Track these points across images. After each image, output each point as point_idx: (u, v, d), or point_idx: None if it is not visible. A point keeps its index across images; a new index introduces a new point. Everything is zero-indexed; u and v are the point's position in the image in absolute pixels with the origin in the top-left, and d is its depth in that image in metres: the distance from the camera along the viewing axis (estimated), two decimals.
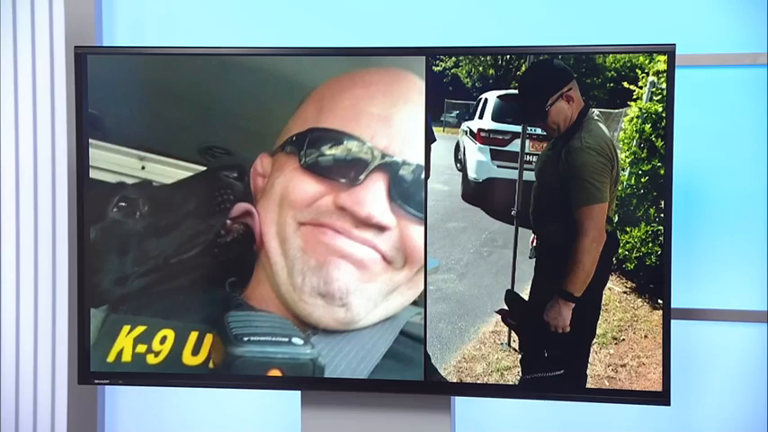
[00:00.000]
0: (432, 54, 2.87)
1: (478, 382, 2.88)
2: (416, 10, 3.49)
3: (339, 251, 2.88)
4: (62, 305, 3.56)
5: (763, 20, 3.37)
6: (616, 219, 2.80)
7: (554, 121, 2.80)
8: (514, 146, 2.86)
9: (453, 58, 2.86)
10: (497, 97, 2.85)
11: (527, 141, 2.84)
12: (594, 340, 2.83)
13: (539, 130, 2.82)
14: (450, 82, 2.86)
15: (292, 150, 2.90)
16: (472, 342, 2.88)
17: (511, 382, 2.87)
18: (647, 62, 2.77)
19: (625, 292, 2.81)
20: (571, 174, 2.79)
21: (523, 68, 2.84)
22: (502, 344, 2.88)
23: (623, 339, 2.82)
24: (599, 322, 2.83)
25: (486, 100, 2.86)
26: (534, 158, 2.83)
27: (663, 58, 2.76)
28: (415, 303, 2.89)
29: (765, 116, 3.37)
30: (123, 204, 2.98)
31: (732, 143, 3.38)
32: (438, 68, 2.86)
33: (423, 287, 2.89)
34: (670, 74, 2.76)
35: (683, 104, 2.82)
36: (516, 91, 2.84)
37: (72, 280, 3.42)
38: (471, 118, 2.86)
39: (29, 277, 3.58)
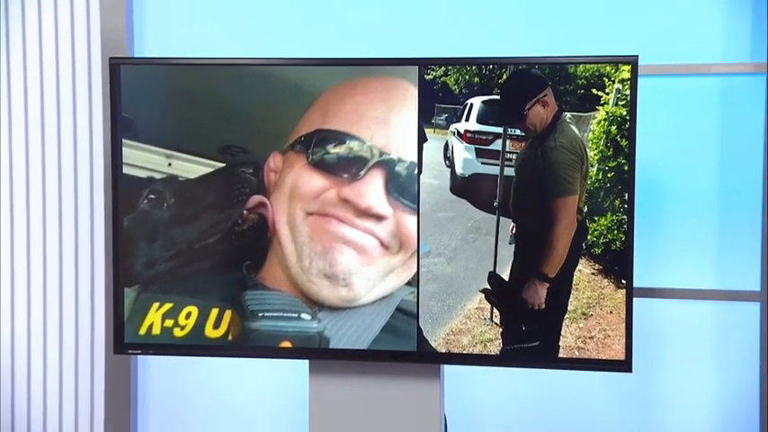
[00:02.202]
0: (423, 64, 2.86)
1: (464, 352, 2.88)
2: (410, 25, 3.49)
3: (342, 238, 2.87)
4: (99, 285, 3.56)
5: (716, 33, 3.37)
6: (585, 209, 2.79)
7: (531, 123, 2.79)
8: (496, 145, 2.84)
9: (443, 68, 2.84)
10: (481, 102, 2.83)
11: (507, 141, 2.82)
12: (566, 316, 2.82)
13: (518, 132, 2.81)
14: (440, 89, 2.85)
15: (301, 149, 2.90)
16: (459, 317, 2.87)
17: (493, 353, 2.87)
18: (613, 71, 2.76)
19: (593, 274, 2.80)
20: (546, 170, 2.79)
21: (504, 77, 2.82)
22: (485, 319, 2.86)
23: (591, 315, 2.82)
24: (570, 300, 2.82)
25: (471, 105, 2.84)
26: (514, 156, 2.81)
27: (627, 67, 2.75)
28: (408, 284, 2.88)
29: (717, 120, 3.37)
30: (152, 197, 2.98)
31: (687, 143, 3.38)
32: (429, 77, 2.85)
33: (416, 269, 2.88)
34: (633, 82, 2.75)
35: (644, 109, 2.80)
36: (498, 97, 2.82)
37: (108, 263, 3.41)
38: (458, 120, 2.84)
39: (70, 261, 3.58)
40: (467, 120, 2.87)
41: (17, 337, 3.61)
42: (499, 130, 2.85)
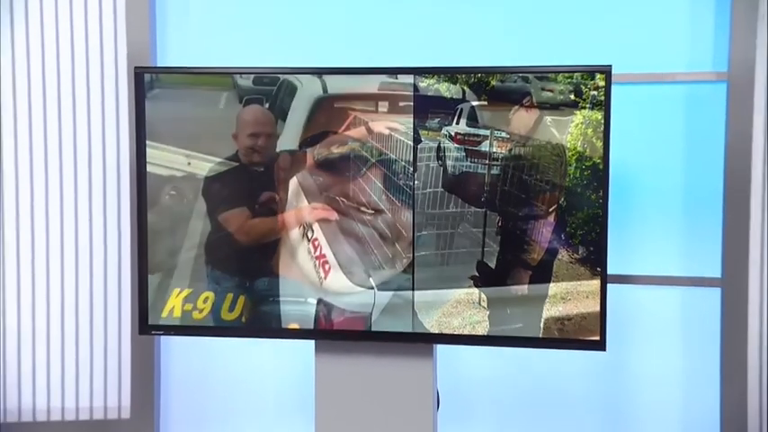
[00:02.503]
0: (418, 73, 2.85)
1: (455, 333, 2.87)
2: (408, 38, 3.47)
3: (345, 230, 2.87)
4: (126, 272, 3.55)
5: (681, 45, 3.36)
6: (564, 204, 2.78)
7: (516, 127, 2.78)
8: (484, 146, 2.82)
9: (436, 77, 2.84)
10: (470, 107, 2.83)
11: (494, 142, 2.81)
12: (546, 300, 2.82)
13: (503, 134, 2.80)
14: (434, 95, 2.85)
15: (308, 149, 2.89)
16: (450, 302, 2.87)
17: (481, 333, 2.87)
18: (589, 79, 2.75)
19: (571, 262, 2.80)
20: (529, 168, 2.79)
21: (492, 84, 2.82)
22: (474, 303, 2.86)
23: (569, 299, 2.81)
24: (550, 286, 2.81)
25: (461, 109, 2.83)
26: (500, 156, 2.81)
27: (602, 76, 2.74)
28: (405, 271, 2.87)
29: (683, 123, 3.37)
30: (173, 193, 2.97)
31: (656, 145, 3.38)
32: (423, 84, 2.84)
33: (412, 258, 2.87)
34: (607, 89, 2.75)
35: (617, 113, 2.79)
36: (486, 103, 2.82)
37: (134, 252, 3.39)
38: (450, 124, 2.83)
39: (100, 250, 3.56)
40: (457, 123, 2.85)
41: (52, 319, 3.59)
42: (487, 132, 2.84)
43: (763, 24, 3.17)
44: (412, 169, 2.84)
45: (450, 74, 2.87)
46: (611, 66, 2.75)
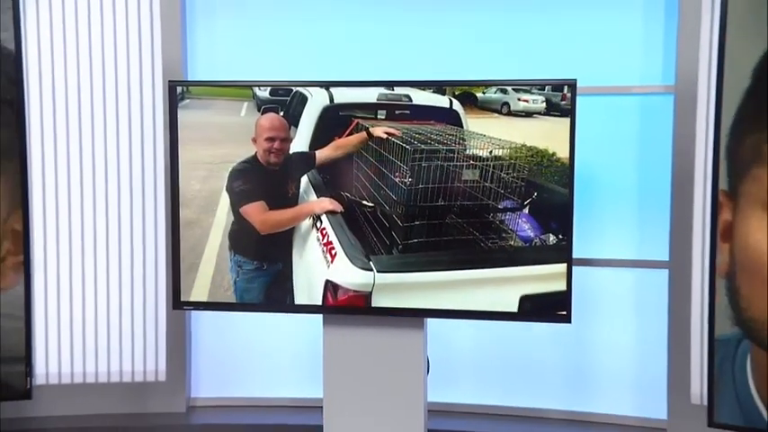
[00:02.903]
0: (412, 85, 2.87)
1: (442, 308, 2.88)
2: (402, 55, 3.45)
3: (349, 220, 2.87)
4: (162, 256, 3.54)
5: (635, 62, 3.37)
6: (537, 198, 2.79)
7: (496, 131, 2.79)
8: (469, 149, 2.84)
9: (427, 88, 2.87)
10: (457, 115, 2.84)
11: (477, 145, 2.83)
12: (521, 280, 2.82)
13: (485, 138, 2.82)
14: (425, 104, 2.86)
15: (317, 151, 2.90)
16: (439, 282, 2.88)
17: (465, 309, 2.87)
18: (558, 91, 2.76)
19: (542, 248, 2.82)
20: (507, 167, 2.80)
21: (476, 95, 2.83)
22: (459, 283, 2.85)
23: (540, 280, 2.83)
24: (524, 268, 2.82)
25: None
26: (482, 157, 2.82)
27: (568, 88, 2.75)
28: (400, 256, 2.86)
29: (637, 129, 3.38)
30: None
31: (614, 147, 3.37)
32: (416, 95, 2.85)
33: (406, 244, 2.85)
34: (573, 99, 2.74)
35: (582, 120, 2.79)
36: (470, 110, 2.83)
37: (168, 240, 3.37)
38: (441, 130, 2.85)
39: (139, 240, 3.55)
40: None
41: (99, 298, 3.56)
42: (471, 136, 2.85)
43: (705, 44, 3.17)
44: (406, 168, 2.82)
45: (439, 86, 2.87)
46: (576, 80, 2.77)
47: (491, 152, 2.79)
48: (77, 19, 3.46)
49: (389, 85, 2.88)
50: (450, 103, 2.83)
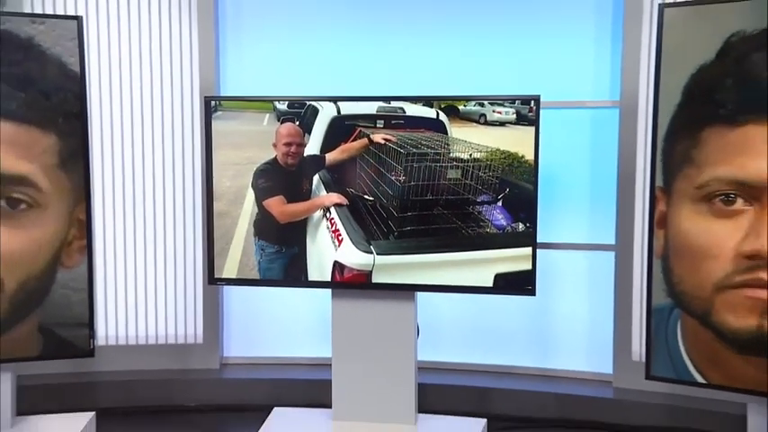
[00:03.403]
0: (405, 99, 2.85)
1: (430, 283, 2.88)
2: (397, 74, 3.44)
3: (353, 211, 2.87)
4: (199, 241, 3.54)
5: (587, 80, 3.36)
6: (509, 193, 2.79)
7: (475, 137, 2.78)
8: (453, 152, 2.83)
9: (418, 102, 2.85)
10: (443, 124, 2.83)
11: (460, 149, 2.84)
12: (495, 261, 2.81)
13: (466, 142, 2.81)
14: (416, 115, 2.84)
15: (326, 154, 2.89)
16: (428, 262, 2.87)
17: (448, 284, 2.87)
18: (525, 105, 2.75)
19: (512, 234, 2.81)
20: (484, 167, 2.81)
21: (458, 107, 2.82)
22: (444, 263, 2.86)
23: (511, 260, 2.80)
24: (497, 251, 2.81)
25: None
26: (464, 159, 2.82)
27: (534, 102, 2.74)
28: (395, 241, 2.87)
29: (589, 136, 3.38)
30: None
31: (571, 151, 3.38)
32: (409, 107, 2.84)
33: (400, 231, 2.85)
34: (537, 112, 2.74)
35: (545, 129, 2.79)
36: (454, 120, 2.82)
37: (204, 228, 3.33)
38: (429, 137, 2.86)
39: (180, 227, 3.54)
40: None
41: (148, 274, 3.56)
42: (455, 141, 2.86)
43: (644, 67, 3.17)
44: (401, 168, 2.82)
45: (427, 100, 2.86)
46: (539, 95, 2.76)
47: (471, 155, 2.79)
48: (130, 45, 3.44)
49: (387, 99, 2.87)
50: (437, 114, 2.83)
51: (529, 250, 2.78)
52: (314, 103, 2.90)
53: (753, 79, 2.37)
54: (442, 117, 2.82)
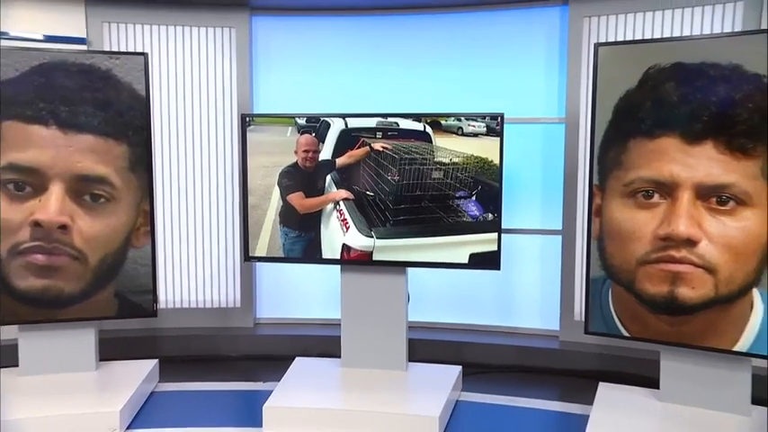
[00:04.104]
0: (399, 116, 2.82)
1: (418, 260, 2.86)
2: (393, 96, 3.42)
3: (357, 204, 2.85)
4: (237, 227, 3.51)
5: (540, 100, 3.33)
6: (481, 189, 2.77)
7: (454, 146, 2.77)
8: (437, 157, 2.80)
9: (409, 118, 2.82)
10: (429, 135, 2.82)
11: (442, 155, 2.80)
12: (469, 243, 2.80)
13: (448, 150, 2.79)
14: (407, 128, 2.82)
15: (336, 159, 2.86)
16: (416, 244, 2.86)
17: (432, 261, 2.85)
18: (493, 120, 2.73)
19: (483, 222, 2.77)
20: (462, 169, 2.78)
21: (441, 122, 2.78)
22: (429, 245, 2.84)
23: (481, 243, 2.79)
24: (471, 236, 2.79)
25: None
26: (445, 162, 2.78)
27: (498, 119, 2.72)
28: (391, 228, 2.85)
29: (540, 146, 3.36)
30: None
31: (528, 156, 3.32)
32: (402, 122, 2.81)
33: (395, 220, 2.84)
34: (501, 125, 2.72)
35: (508, 139, 2.77)
36: (437, 132, 2.80)
37: (241, 217, 3.27)
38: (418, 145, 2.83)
39: (222, 216, 3.54)
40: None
41: (197, 253, 3.54)
42: (438, 149, 2.82)
43: (584, 91, 3.17)
44: (395, 170, 2.82)
45: (416, 116, 2.83)
46: (503, 113, 2.75)
47: (451, 160, 2.77)
48: (184, 74, 3.45)
49: (384, 116, 2.85)
50: (424, 127, 2.81)
51: (495, 235, 2.76)
52: (326, 118, 2.88)
53: (665, 102, 2.40)
54: (428, 129, 2.80)
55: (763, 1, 2.74)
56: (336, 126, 2.87)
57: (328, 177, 2.90)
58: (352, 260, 2.90)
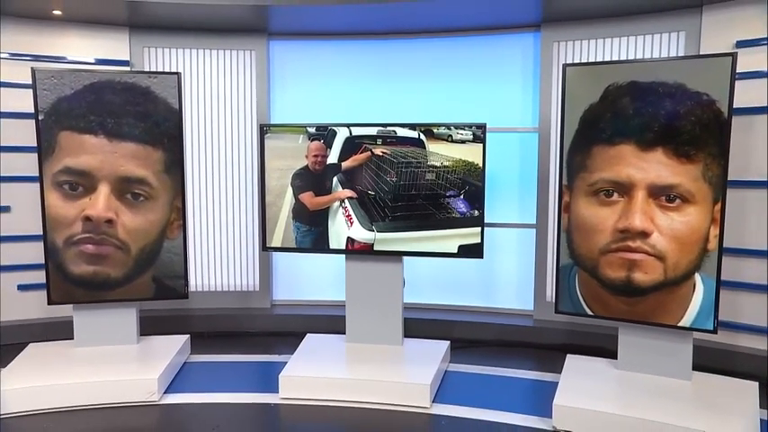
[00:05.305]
0: (396, 125, 2.81)
1: (413, 250, 2.87)
2: (391, 107, 3.43)
3: (360, 202, 2.85)
4: (256, 222, 3.53)
5: (516, 112, 3.34)
6: (468, 189, 2.78)
7: (445, 151, 2.78)
8: (430, 161, 2.80)
9: (406, 127, 2.82)
10: (424, 142, 2.80)
11: (434, 159, 2.80)
12: (457, 236, 2.82)
13: (439, 155, 2.79)
14: (404, 135, 2.81)
15: (342, 162, 2.86)
16: (412, 237, 2.86)
17: (426, 251, 2.86)
18: (478, 129, 2.75)
19: (470, 218, 2.80)
20: (452, 172, 2.78)
21: (433, 130, 2.78)
22: (423, 238, 2.85)
23: (467, 236, 2.81)
24: (459, 230, 2.81)
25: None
26: (437, 166, 2.79)
27: (482, 128, 2.75)
28: (389, 223, 2.86)
29: (518, 153, 3.36)
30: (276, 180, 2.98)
31: (507, 161, 3.37)
32: (399, 130, 2.80)
33: (393, 216, 2.84)
34: (484, 135, 2.75)
35: (490, 146, 2.81)
36: (431, 139, 2.80)
37: (259, 212, 3.32)
38: (414, 152, 2.83)
39: (244, 212, 3.55)
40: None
41: (223, 243, 3.56)
42: (431, 154, 2.82)
43: (555, 104, 3.20)
44: (393, 172, 2.84)
45: (411, 125, 2.84)
46: (486, 123, 2.78)
47: (442, 163, 2.79)
48: (211, 89, 3.48)
49: (383, 125, 2.86)
50: (419, 135, 2.82)
51: (479, 229, 2.78)
52: (333, 127, 2.90)
53: (622, 115, 2.46)
54: (422, 137, 2.81)
55: (701, 31, 2.84)
56: (342, 134, 2.89)
57: (335, 179, 2.92)
58: (356, 250, 2.92)
